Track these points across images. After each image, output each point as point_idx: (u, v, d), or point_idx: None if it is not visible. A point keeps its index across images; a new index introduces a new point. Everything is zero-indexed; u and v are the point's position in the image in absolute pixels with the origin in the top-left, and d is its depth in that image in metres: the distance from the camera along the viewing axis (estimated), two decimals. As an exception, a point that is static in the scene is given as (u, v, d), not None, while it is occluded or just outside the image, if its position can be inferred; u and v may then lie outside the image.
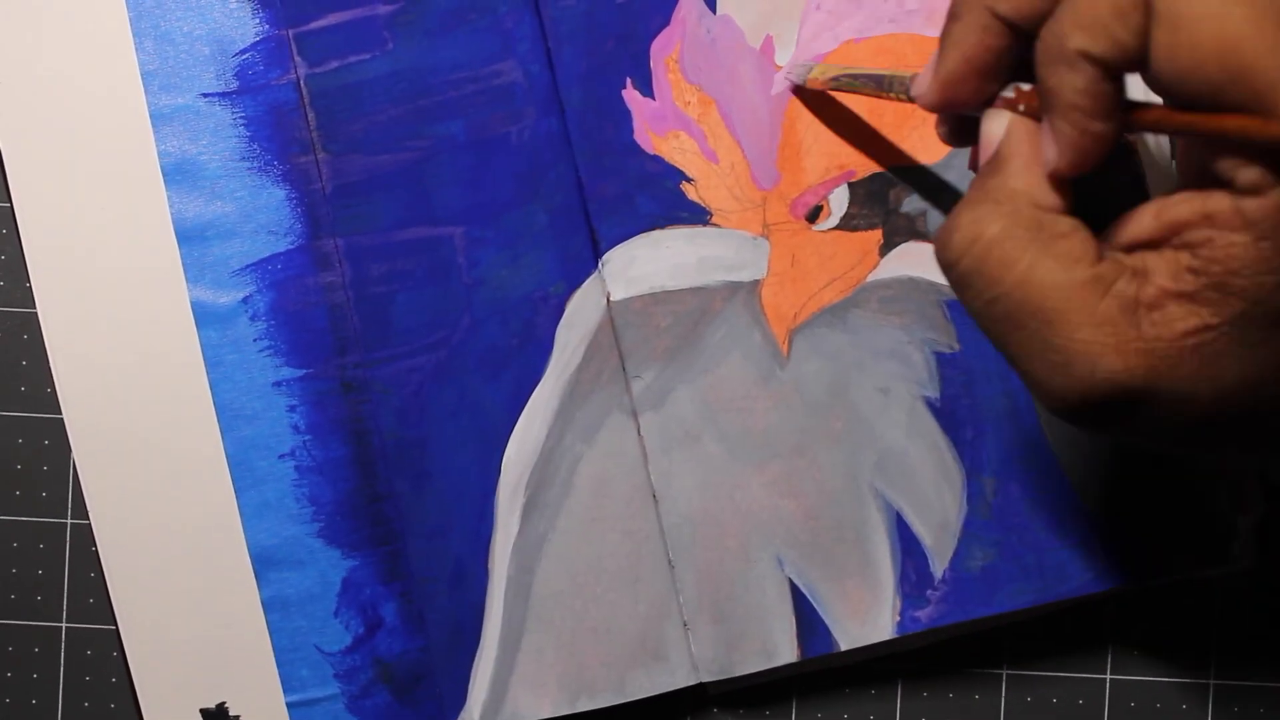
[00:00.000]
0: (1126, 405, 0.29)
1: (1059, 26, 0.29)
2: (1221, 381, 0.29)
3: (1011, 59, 0.31)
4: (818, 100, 0.43)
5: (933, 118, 0.43)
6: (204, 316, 0.42)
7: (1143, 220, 0.30)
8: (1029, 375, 0.30)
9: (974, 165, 0.36)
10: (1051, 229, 0.30)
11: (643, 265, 0.43)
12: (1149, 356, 0.29)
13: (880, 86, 0.37)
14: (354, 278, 0.43)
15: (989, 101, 0.32)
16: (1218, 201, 0.28)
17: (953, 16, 0.32)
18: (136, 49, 0.42)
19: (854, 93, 0.40)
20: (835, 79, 0.40)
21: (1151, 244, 0.30)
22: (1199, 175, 0.30)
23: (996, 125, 0.32)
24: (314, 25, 0.43)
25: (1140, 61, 0.28)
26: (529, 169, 0.43)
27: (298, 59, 0.43)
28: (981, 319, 0.31)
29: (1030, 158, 0.31)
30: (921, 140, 0.43)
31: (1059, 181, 0.31)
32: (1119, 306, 0.29)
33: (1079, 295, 0.29)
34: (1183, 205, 0.29)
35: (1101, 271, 0.29)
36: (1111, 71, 0.29)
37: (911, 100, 0.35)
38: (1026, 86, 0.31)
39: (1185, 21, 0.27)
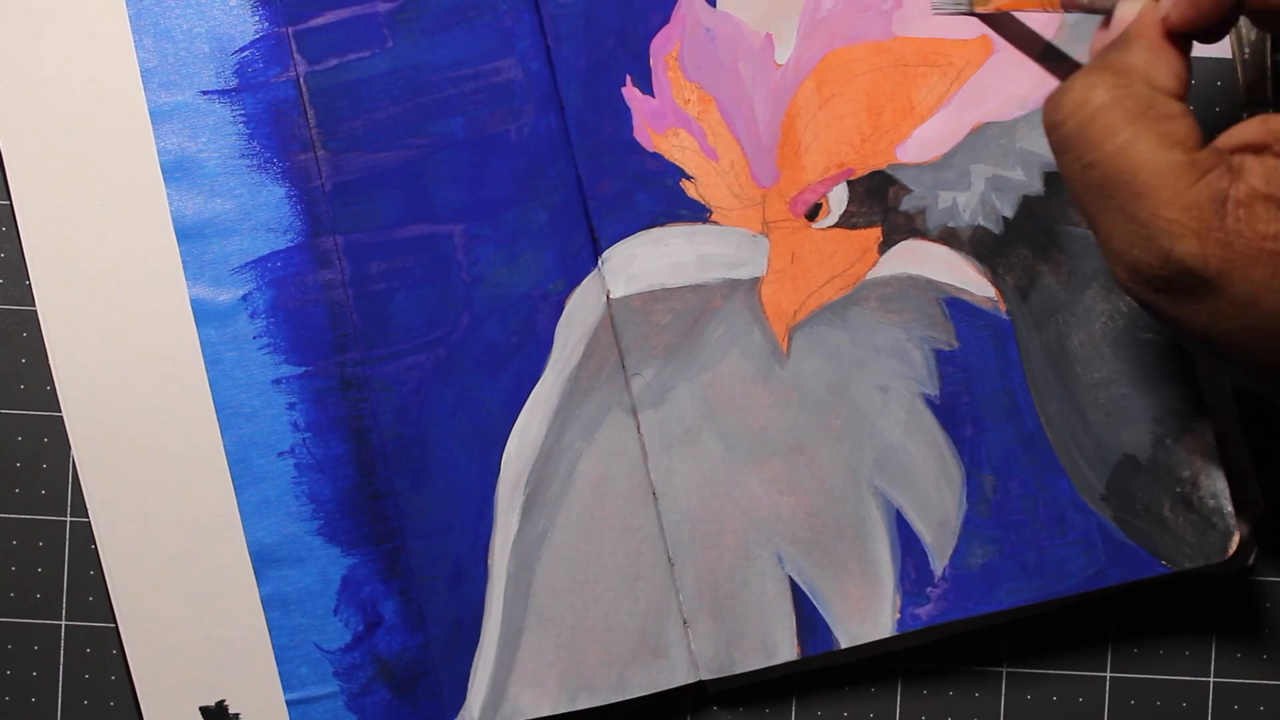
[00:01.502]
0: (1193, 290, 0.30)
1: None
2: None
3: None
4: (1001, 24, 0.43)
5: (926, 115, 0.43)
6: (203, 314, 0.42)
7: (1251, 125, 0.31)
8: (1108, 243, 0.31)
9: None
10: (1161, 109, 0.31)
11: (642, 263, 0.43)
12: (1227, 249, 0.29)
13: None
14: (353, 275, 0.43)
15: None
16: None
17: None
18: (136, 46, 0.42)
19: (1018, 6, 0.40)
20: None
21: (1255, 148, 0.30)
22: None
23: (1128, 9, 0.33)
24: (313, 23, 0.43)
25: None
26: (528, 166, 0.43)
27: (297, 56, 0.43)
28: (1074, 182, 0.31)
29: (1155, 41, 0.32)
30: (921, 139, 0.43)
31: (1177, 55, 0.31)
32: (1209, 195, 0.30)
33: (1172, 175, 0.30)
34: None
35: (1199, 159, 0.30)
36: None
37: (1061, 9, 0.37)
38: None
39: None
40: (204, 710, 0.43)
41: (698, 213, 0.43)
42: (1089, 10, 0.36)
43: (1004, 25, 0.42)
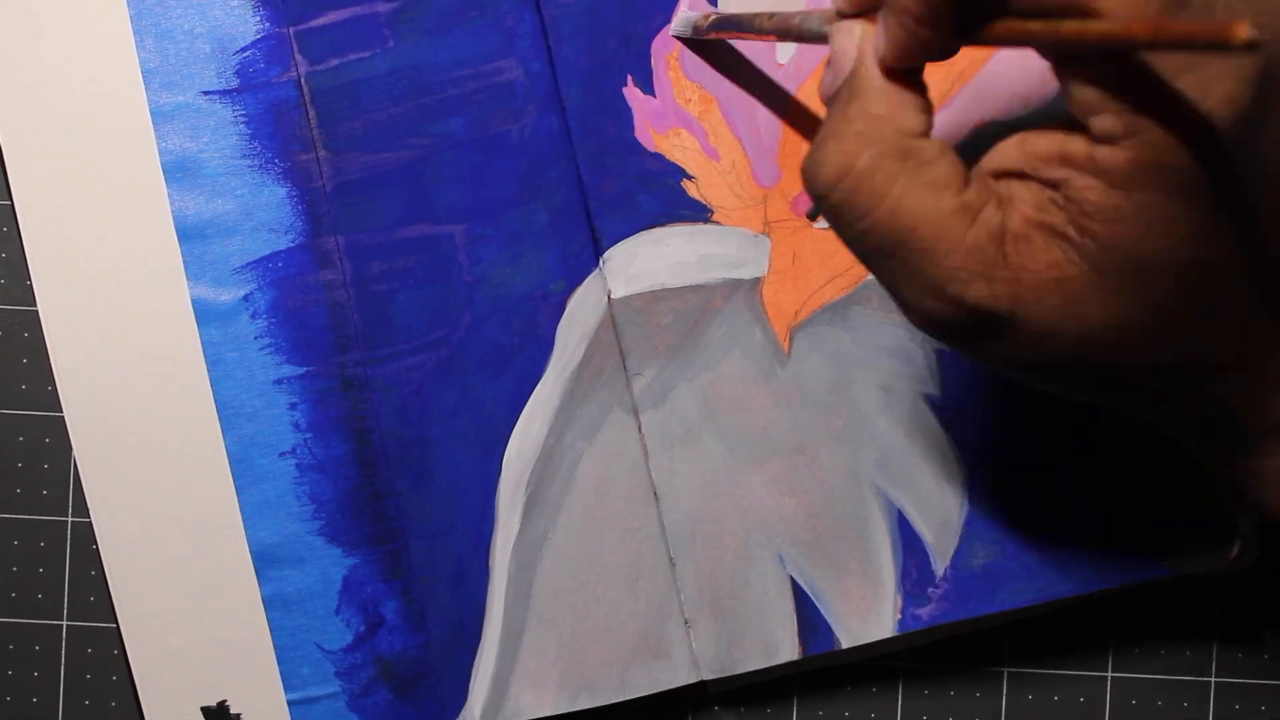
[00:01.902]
0: (991, 330, 0.29)
1: None
2: (1086, 322, 0.29)
3: None
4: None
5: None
6: (205, 314, 0.42)
7: (1008, 150, 0.30)
8: (901, 299, 0.31)
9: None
10: (919, 155, 0.30)
11: (644, 263, 0.43)
12: (1015, 285, 0.29)
13: (750, 25, 0.38)
14: (355, 275, 0.43)
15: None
16: (1075, 144, 0.28)
17: None
18: (137, 46, 0.42)
19: (731, 35, 0.40)
20: (710, 25, 0.40)
21: (1017, 175, 0.30)
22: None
23: (847, 39, 0.31)
24: (315, 23, 0.42)
25: None
26: (530, 167, 0.43)
27: (298, 57, 0.43)
28: (853, 246, 0.31)
29: (886, 81, 0.30)
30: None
31: (911, 90, 0.30)
32: (987, 234, 0.29)
33: (948, 224, 0.29)
34: (1043, 141, 0.29)
35: (969, 199, 0.29)
36: None
37: (775, 35, 0.36)
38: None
39: None
40: (205, 710, 0.43)
41: (699, 213, 0.43)
42: (802, 40, 0.35)
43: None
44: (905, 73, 0.30)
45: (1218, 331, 0.30)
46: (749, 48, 0.43)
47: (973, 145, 0.42)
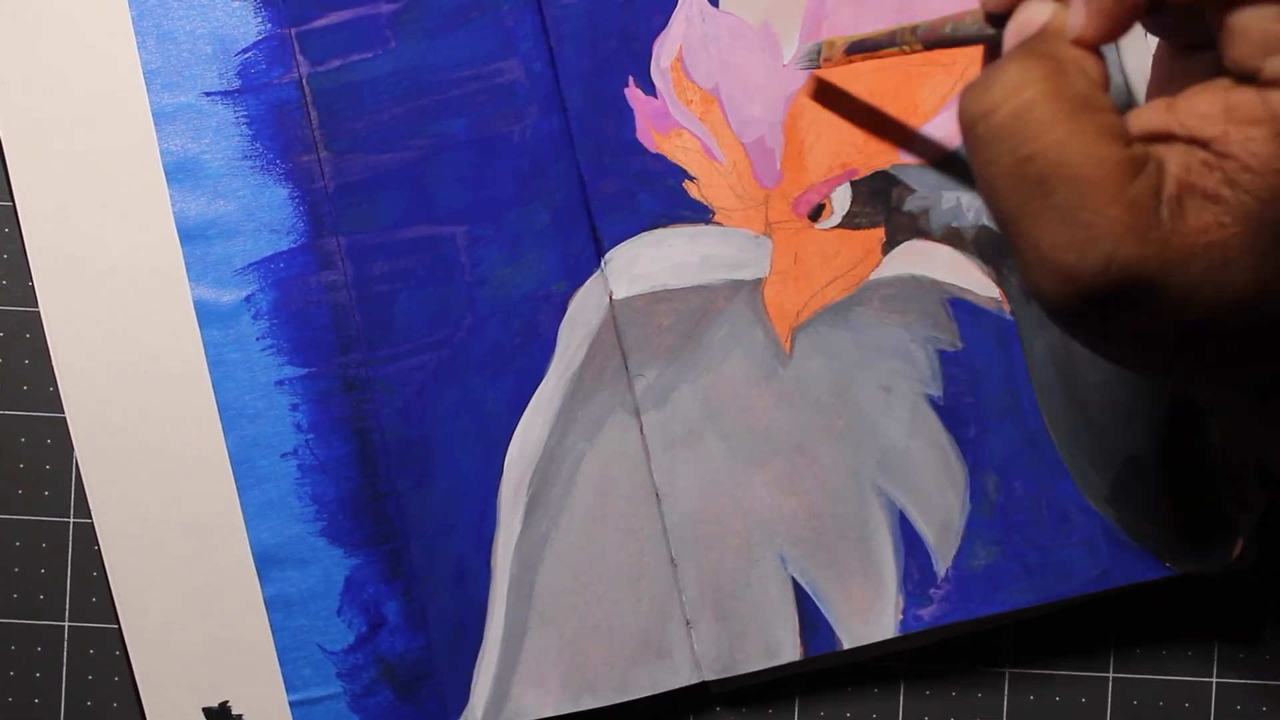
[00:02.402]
0: (1128, 297, 0.28)
1: None
2: (1224, 290, 0.28)
3: None
4: (830, 93, 0.42)
5: (931, 114, 0.43)
6: (206, 315, 0.42)
7: (1153, 114, 0.29)
8: (1038, 247, 0.29)
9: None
10: (1096, 102, 0.29)
11: (645, 264, 0.43)
12: (1165, 248, 0.28)
13: (893, 41, 0.37)
14: (356, 276, 0.43)
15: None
16: (1242, 95, 0.28)
17: None
18: (139, 48, 0.42)
19: (871, 57, 0.39)
20: (847, 49, 0.39)
21: (1162, 137, 0.29)
22: (1174, 80, 0.29)
23: (1039, 11, 0.31)
24: (316, 24, 0.42)
25: None
26: (531, 167, 0.43)
27: (300, 58, 0.43)
28: (1004, 180, 0.29)
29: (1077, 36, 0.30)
30: (925, 138, 0.43)
31: (1095, 51, 0.30)
32: (1148, 191, 0.28)
33: (1116, 170, 0.28)
34: (1201, 97, 0.28)
35: (1135, 154, 0.28)
36: None
37: (922, 45, 0.35)
38: None
39: None
40: (207, 711, 0.43)
41: (700, 214, 0.43)
42: (957, 45, 0.34)
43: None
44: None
45: None
46: (750, 48, 0.43)
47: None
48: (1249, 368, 0.30)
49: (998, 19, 0.32)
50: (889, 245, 0.43)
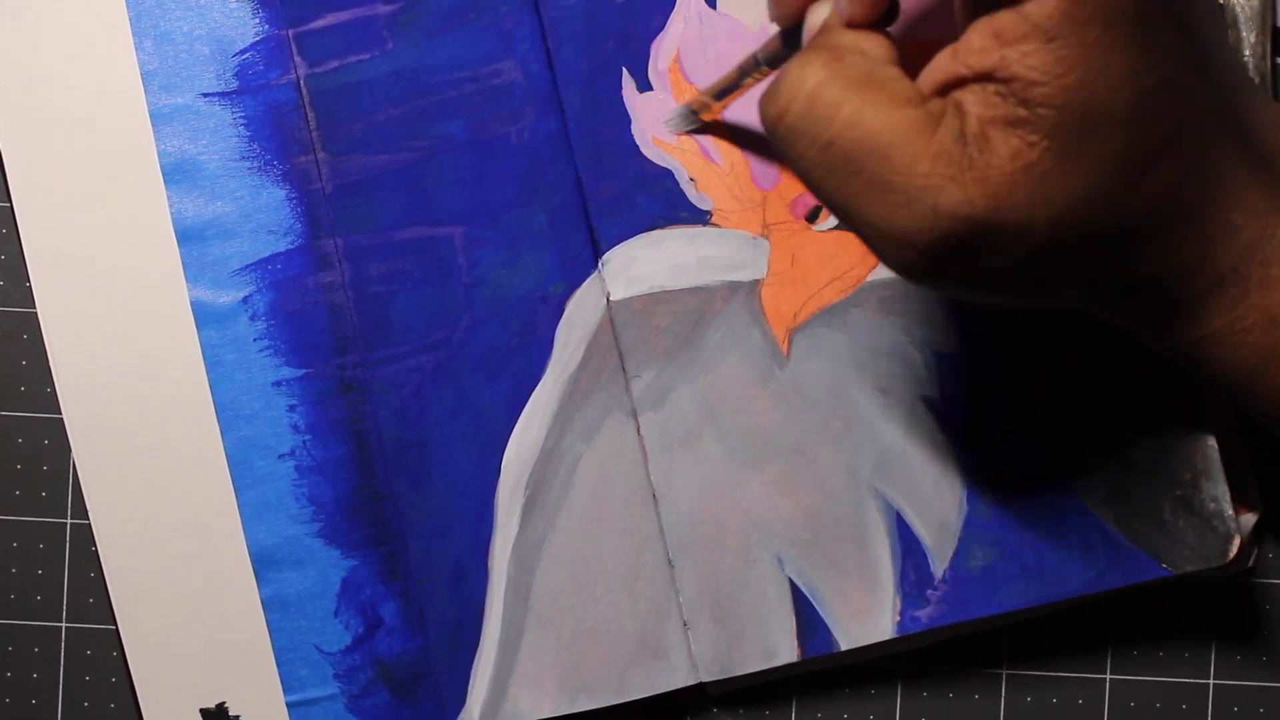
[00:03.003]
0: (969, 242, 0.29)
1: None
2: (1055, 204, 0.29)
3: None
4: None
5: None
6: (204, 316, 0.42)
7: (940, 64, 0.30)
8: (870, 223, 0.30)
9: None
10: (880, 75, 0.30)
11: (642, 265, 0.43)
12: (985, 185, 0.29)
13: (744, 73, 0.39)
14: (354, 278, 0.43)
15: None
16: (1002, 20, 0.29)
17: None
18: (136, 49, 0.42)
19: (737, 94, 0.40)
20: (716, 96, 0.41)
21: (957, 83, 0.30)
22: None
23: (819, 13, 0.33)
24: (314, 25, 0.43)
25: None
26: (529, 169, 0.43)
27: (298, 59, 0.43)
28: (816, 170, 0.31)
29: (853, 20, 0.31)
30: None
31: (876, 32, 0.31)
32: (951, 137, 0.29)
33: (913, 129, 0.29)
34: (973, 34, 0.29)
35: (930, 108, 0.30)
36: None
37: (770, 68, 0.37)
38: None
39: None
40: (204, 712, 0.43)
41: (698, 215, 0.43)
42: (789, 56, 0.36)
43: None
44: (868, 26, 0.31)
45: (1176, 171, 0.30)
46: (747, 47, 0.43)
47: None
48: (1112, 270, 0.31)
49: (789, 35, 0.35)
50: (886, 247, 0.43)
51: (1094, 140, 0.29)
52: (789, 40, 0.35)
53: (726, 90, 0.41)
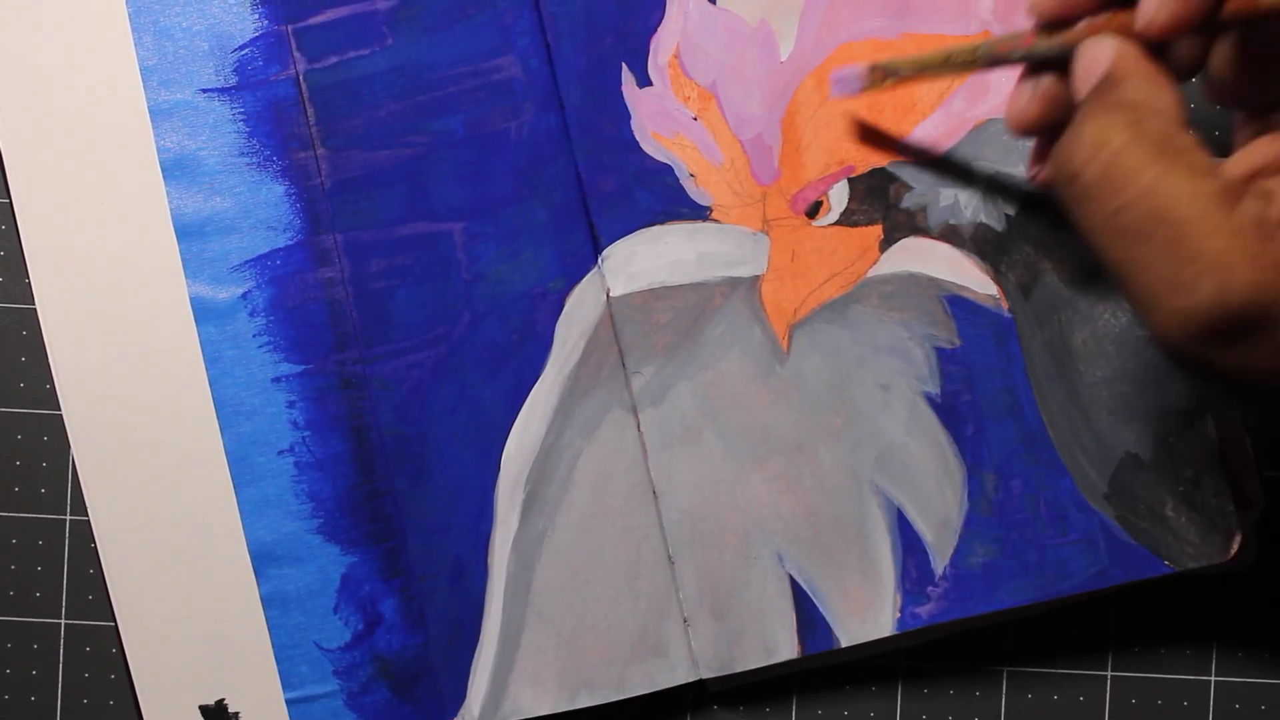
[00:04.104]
0: (1249, 327, 0.28)
1: None
2: None
3: None
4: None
5: (928, 112, 0.43)
6: (203, 312, 0.42)
7: (1259, 149, 0.30)
8: (1151, 291, 0.29)
9: (1027, 128, 0.35)
10: (1178, 141, 0.29)
11: (642, 261, 0.43)
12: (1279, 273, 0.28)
13: (953, 63, 0.37)
14: (353, 273, 0.43)
15: (1210, 15, 0.31)
16: None
17: None
18: (135, 44, 0.42)
19: (934, 78, 0.39)
20: (893, 77, 0.38)
21: (1272, 170, 0.29)
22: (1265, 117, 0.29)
23: (1103, 50, 0.31)
24: (313, 20, 0.42)
25: None
26: (528, 164, 0.43)
27: (297, 54, 0.42)
28: (1103, 233, 0.29)
29: (1149, 73, 0.30)
30: (923, 135, 0.43)
31: (1170, 85, 0.30)
32: (1251, 218, 0.28)
33: (1211, 204, 0.28)
34: None
35: (1231, 185, 0.28)
36: None
37: (987, 66, 0.35)
38: (1116, 13, 0.31)
39: None
40: (204, 709, 0.43)
41: (698, 211, 0.43)
42: (1022, 63, 0.34)
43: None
44: (1164, 69, 0.30)
45: None
46: (748, 45, 0.43)
47: (972, 143, 0.42)
48: None
49: (1054, 27, 0.33)
50: (887, 242, 0.43)
51: None
52: (1043, 54, 0.33)
53: (923, 69, 0.38)
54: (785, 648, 0.43)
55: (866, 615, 0.43)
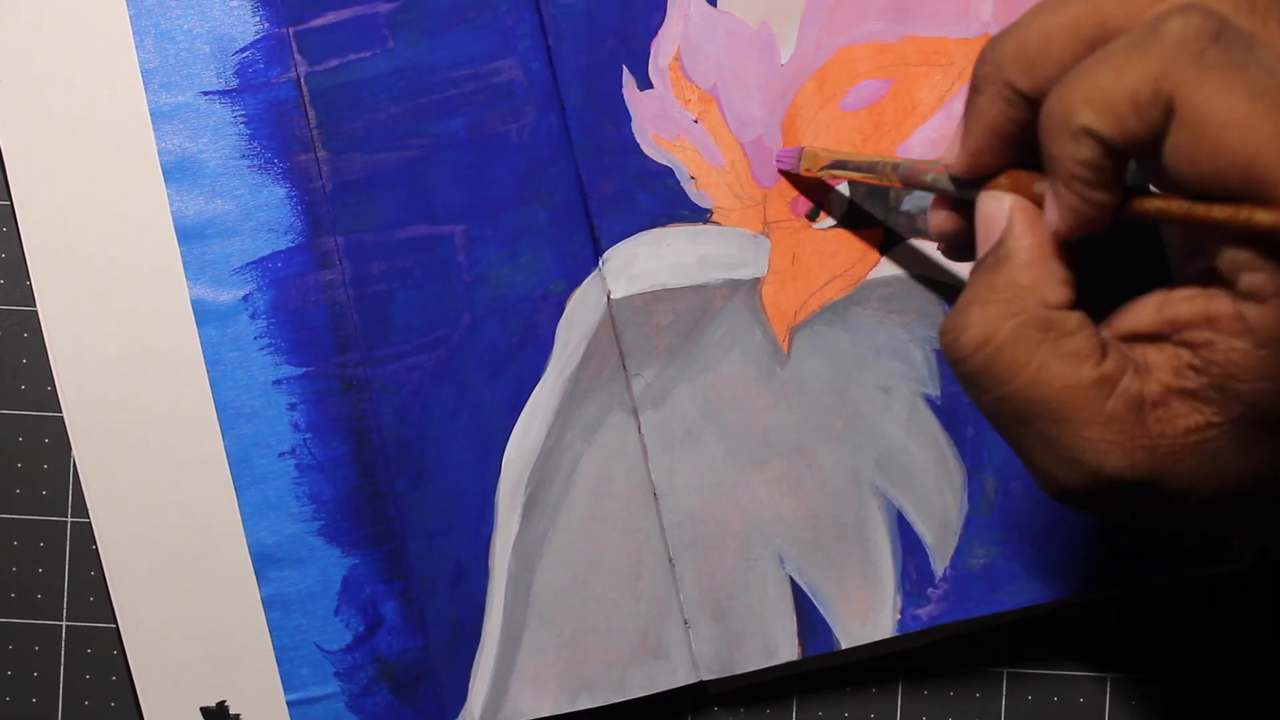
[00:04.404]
0: (1128, 496, 0.30)
1: (1068, 97, 0.28)
2: (1222, 476, 0.29)
3: (1033, 128, 0.31)
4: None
5: (928, 114, 0.43)
6: (204, 314, 0.42)
7: (1144, 312, 0.30)
8: (1034, 466, 0.31)
9: (953, 249, 0.36)
10: (1060, 327, 0.30)
11: (643, 263, 0.43)
12: (1153, 453, 0.29)
13: (873, 170, 0.38)
14: (354, 276, 0.43)
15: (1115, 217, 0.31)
16: (1219, 304, 0.28)
17: (974, 90, 0.32)
18: (137, 47, 0.42)
19: (844, 178, 0.41)
20: (826, 167, 0.40)
21: (1153, 337, 0.30)
22: (1195, 268, 0.30)
23: (996, 205, 0.32)
24: (314, 23, 0.42)
25: (1147, 151, 0.28)
26: (529, 167, 0.43)
27: (298, 57, 0.43)
28: (988, 413, 0.31)
29: (1035, 250, 0.31)
30: (923, 138, 0.43)
31: (1061, 253, 0.31)
32: (1125, 404, 0.29)
33: (1086, 395, 0.29)
34: (1184, 304, 0.29)
35: (1107, 370, 0.29)
36: (1116, 153, 0.28)
37: (900, 184, 0.36)
38: (1023, 171, 0.31)
39: (1210, 128, 0.26)
40: (205, 711, 0.43)
41: (699, 213, 0.43)
42: (929, 190, 0.35)
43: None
44: (1058, 244, 0.31)
45: None
46: (749, 48, 0.43)
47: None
48: (1259, 522, 0.31)
49: (964, 185, 0.33)
50: (887, 245, 0.43)
51: (1276, 434, 0.28)
52: (958, 185, 0.34)
53: (846, 167, 0.40)
54: (786, 649, 0.43)
55: (867, 617, 0.43)
